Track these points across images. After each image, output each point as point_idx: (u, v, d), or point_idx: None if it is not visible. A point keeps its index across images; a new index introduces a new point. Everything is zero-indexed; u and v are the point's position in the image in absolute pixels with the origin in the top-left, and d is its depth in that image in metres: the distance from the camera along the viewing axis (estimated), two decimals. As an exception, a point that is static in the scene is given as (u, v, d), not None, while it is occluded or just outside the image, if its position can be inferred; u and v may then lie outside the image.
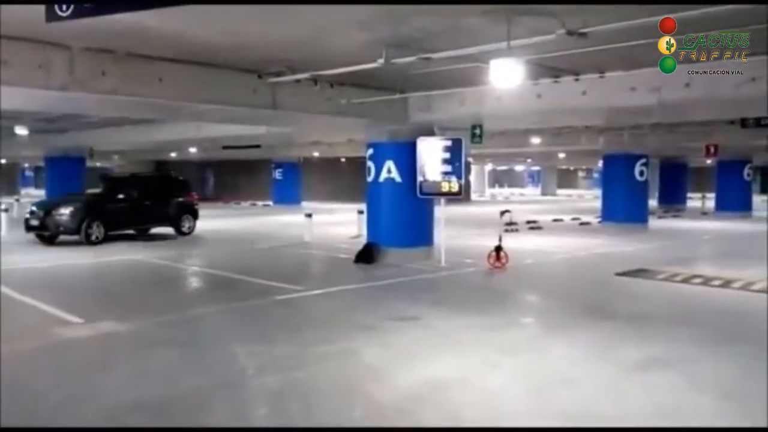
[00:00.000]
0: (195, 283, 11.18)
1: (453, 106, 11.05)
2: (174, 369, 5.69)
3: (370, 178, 12.43)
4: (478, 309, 8.18)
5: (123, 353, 6.23)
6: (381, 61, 7.45)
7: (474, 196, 43.03)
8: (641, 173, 19.53)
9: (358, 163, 22.15)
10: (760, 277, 9.94)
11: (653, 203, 26.56)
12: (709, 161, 28.42)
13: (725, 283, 9.79)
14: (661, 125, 17.75)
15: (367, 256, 11.95)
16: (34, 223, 15.01)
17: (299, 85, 9.50)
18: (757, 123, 14.24)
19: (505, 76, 6.90)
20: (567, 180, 64.73)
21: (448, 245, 12.03)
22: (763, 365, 5.52)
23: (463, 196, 12.52)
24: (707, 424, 4.45)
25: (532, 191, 62.02)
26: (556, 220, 22.67)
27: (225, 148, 26.57)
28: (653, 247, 15.10)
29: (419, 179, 11.81)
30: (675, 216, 25.88)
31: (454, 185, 11.62)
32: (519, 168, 64.86)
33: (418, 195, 11.88)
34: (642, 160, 19.50)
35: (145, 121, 17.06)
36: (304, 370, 5.60)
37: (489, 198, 46.53)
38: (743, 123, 14.88)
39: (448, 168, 11.59)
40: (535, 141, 21.44)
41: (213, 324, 7.44)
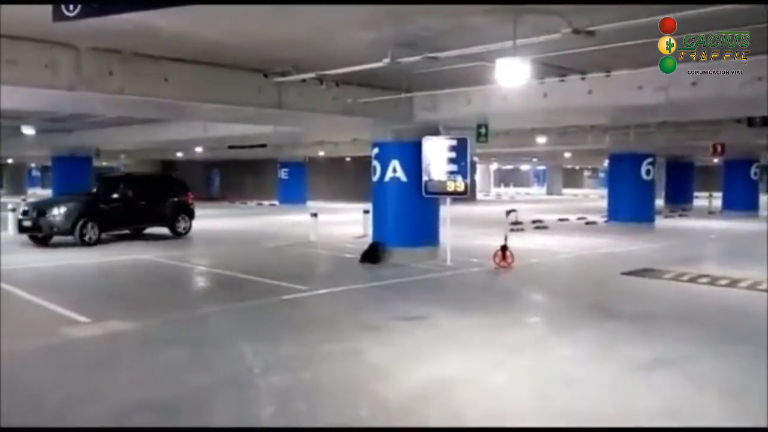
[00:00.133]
0: (201, 282, 11.21)
1: (458, 105, 11.03)
2: (181, 368, 5.71)
3: (375, 178, 12.44)
4: (483, 308, 8.17)
5: (130, 352, 6.25)
6: (387, 61, 7.45)
7: (479, 195, 42.98)
8: (647, 172, 19.49)
9: (363, 162, 22.15)
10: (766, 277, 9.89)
11: (659, 202, 26.49)
12: (716, 160, 28.30)
13: (732, 283, 9.75)
14: (668, 124, 17.70)
15: (373, 255, 11.95)
16: (27, 224, 14.63)
17: (305, 84, 9.52)
18: (764, 122, 14.19)
19: (511, 75, 6.88)
20: (573, 179, 64.60)
21: (454, 245, 12.02)
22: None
23: (468, 195, 12.51)
24: (711, 424, 4.44)
25: (537, 190, 61.93)
26: (561, 220, 22.61)
27: (231, 147, 26.63)
28: (659, 247, 15.05)
29: (424, 179, 11.81)
30: (681, 215, 25.80)
31: (460, 185, 11.61)
32: (524, 167, 64.78)
33: (424, 194, 11.88)
34: (648, 159, 19.45)
35: (151, 120, 17.11)
36: (310, 369, 5.61)
37: (494, 197, 46.48)
38: (750, 122, 14.83)
39: (454, 167, 11.58)
40: (540, 140, 21.39)
41: (219, 323, 7.47)
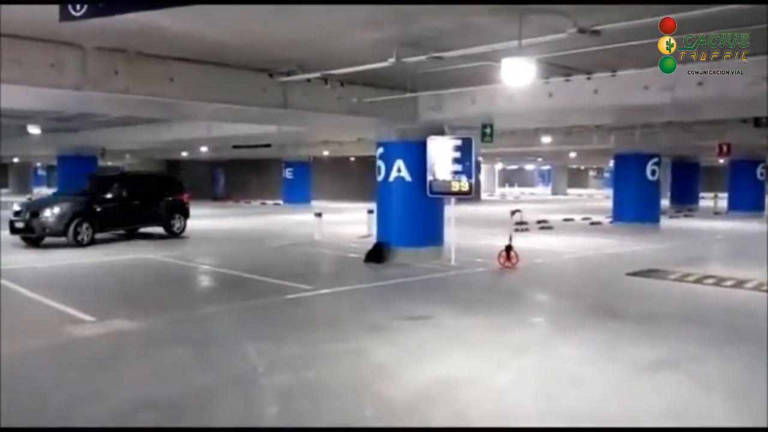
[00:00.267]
0: (205, 281, 11.22)
1: (463, 105, 11.01)
2: (185, 367, 5.72)
3: (380, 178, 12.44)
4: (488, 308, 8.16)
5: (134, 351, 6.27)
6: (392, 60, 7.44)
7: (484, 195, 42.94)
8: (653, 172, 19.42)
9: (367, 162, 22.16)
10: (773, 278, 9.86)
11: (665, 203, 26.40)
12: (722, 160, 28.20)
13: (738, 284, 9.72)
14: (674, 124, 17.63)
15: (377, 255, 11.95)
16: (19, 225, 14.31)
17: (310, 84, 9.52)
18: (771, 122, 14.10)
19: (517, 75, 6.87)
20: (577, 179, 64.44)
21: (458, 244, 12.01)
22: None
23: (473, 195, 12.50)
24: (715, 425, 4.42)
25: (542, 190, 61.82)
26: (566, 220, 22.57)
27: (235, 147, 26.64)
28: (665, 247, 15.01)
29: (429, 178, 11.80)
30: (687, 216, 25.71)
31: (464, 184, 11.60)
32: (529, 167, 64.66)
33: (428, 194, 11.87)
34: (654, 160, 19.38)
35: (156, 120, 17.13)
36: (314, 368, 5.61)
37: (499, 197, 46.41)
38: (756, 122, 14.74)
39: (459, 167, 11.57)
40: (545, 140, 21.34)
41: (223, 322, 7.48)
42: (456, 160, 11.58)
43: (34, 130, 17.80)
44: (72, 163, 21.07)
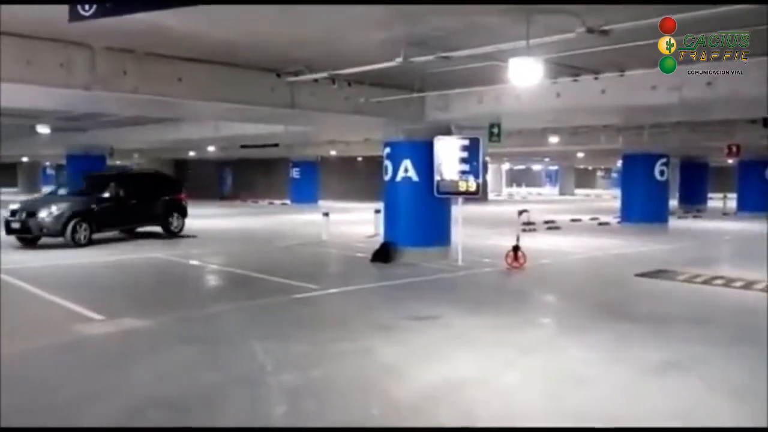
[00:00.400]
0: (213, 280, 11.26)
1: (471, 104, 11.00)
2: (193, 366, 5.74)
3: (387, 177, 12.44)
4: (495, 309, 8.15)
5: (143, 349, 6.29)
6: (399, 60, 7.45)
7: (491, 195, 42.87)
8: (661, 173, 19.33)
9: (375, 162, 22.14)
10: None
11: (673, 203, 26.29)
12: (731, 161, 28.04)
13: (747, 285, 9.66)
14: (682, 124, 17.55)
15: (384, 255, 11.95)
16: (15, 225, 13.94)
17: (317, 84, 9.54)
18: (780, 122, 14.02)
19: (524, 75, 6.86)
20: (585, 179, 64.25)
21: (466, 245, 11.99)
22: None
23: (480, 195, 12.48)
24: (721, 426, 4.40)
25: (549, 191, 61.67)
26: (574, 220, 22.50)
27: (243, 147, 26.70)
28: (673, 248, 14.94)
29: (436, 178, 11.79)
30: (696, 216, 25.59)
31: (472, 184, 11.59)
32: (536, 167, 64.52)
33: (435, 194, 11.86)
34: (662, 160, 19.29)
35: (164, 120, 17.20)
36: (321, 368, 5.62)
37: (506, 197, 46.33)
38: (765, 122, 14.65)
39: (466, 167, 11.56)
40: (553, 140, 21.29)
41: (231, 321, 7.50)
42: (463, 160, 11.57)
43: (44, 129, 17.90)
44: (81, 163, 21.16)
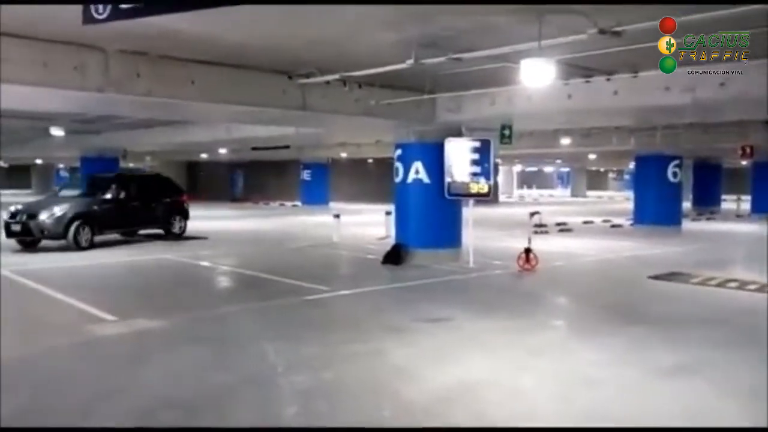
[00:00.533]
0: (225, 282, 11.29)
1: (482, 106, 10.98)
2: (205, 366, 5.75)
3: (397, 179, 12.44)
4: (507, 311, 8.12)
5: (155, 350, 6.32)
6: (410, 62, 7.44)
7: (502, 197, 42.74)
8: (674, 174, 19.18)
9: (385, 164, 22.19)
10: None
11: (686, 205, 26.08)
12: (744, 162, 27.80)
13: (761, 287, 9.56)
14: (696, 125, 17.41)
15: (395, 257, 11.95)
16: (15, 228, 13.65)
17: (328, 86, 9.56)
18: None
19: (536, 76, 6.84)
20: (597, 181, 63.89)
21: (477, 246, 11.96)
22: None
23: (491, 197, 12.45)
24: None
25: (561, 193, 61.40)
26: (586, 222, 22.39)
27: (254, 149, 26.80)
28: (687, 250, 14.82)
29: (447, 180, 11.77)
30: (709, 218, 25.38)
31: (483, 186, 11.57)
32: (548, 169, 64.25)
33: (446, 196, 11.85)
34: (675, 161, 19.15)
35: (176, 122, 17.30)
36: (333, 369, 5.62)
37: (517, 199, 46.18)
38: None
39: (477, 169, 11.54)
40: (564, 141, 21.20)
41: (242, 322, 7.52)
42: (474, 162, 11.56)
43: (58, 132, 18.06)
44: (94, 165, 21.34)
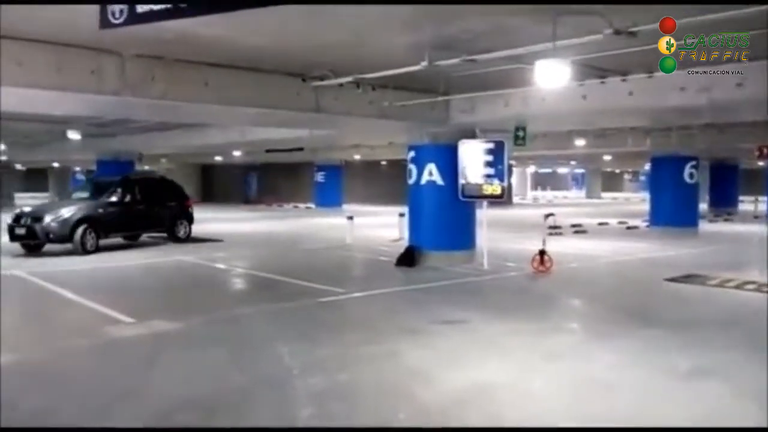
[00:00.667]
0: (240, 284, 11.34)
1: (496, 107, 10.95)
2: (221, 368, 5.79)
3: (411, 181, 12.43)
4: (522, 313, 8.09)
5: (172, 351, 6.37)
6: (424, 63, 7.44)
7: (516, 199, 42.56)
8: (691, 175, 19.02)
9: (399, 165, 22.15)
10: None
11: (703, 207, 25.84)
12: (762, 163, 27.49)
13: (780, 289, 9.46)
14: (712, 126, 17.25)
15: (409, 259, 11.94)
16: (20, 231, 13.47)
17: (342, 88, 9.59)
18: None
19: (551, 77, 6.81)
20: (612, 182, 63.48)
21: (491, 248, 11.92)
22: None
23: (505, 198, 12.41)
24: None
25: (576, 194, 61.05)
26: (601, 224, 22.23)
27: (268, 151, 26.91)
28: (704, 252, 14.68)
29: (461, 182, 11.75)
30: (726, 220, 25.11)
31: (497, 188, 11.53)
32: (562, 170, 63.91)
33: (460, 198, 11.82)
34: (692, 162, 18.99)
35: (191, 125, 17.41)
36: (348, 371, 5.63)
37: (531, 201, 45.98)
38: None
39: (491, 170, 11.51)
40: (579, 143, 21.09)
41: (258, 324, 7.54)
42: (488, 164, 11.52)
43: (74, 135, 18.24)
44: (111, 168, 21.53)
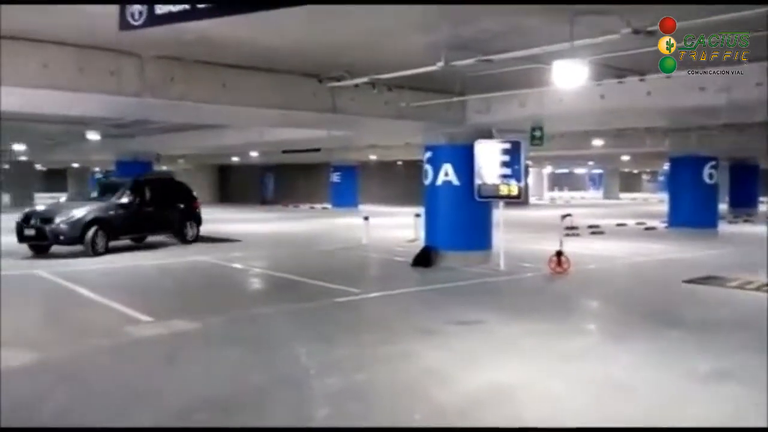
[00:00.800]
0: (257, 284, 11.41)
1: (513, 107, 10.91)
2: (240, 367, 5.83)
3: (427, 181, 12.43)
4: (539, 314, 8.05)
5: (191, 351, 6.42)
6: (440, 64, 7.44)
7: (532, 199, 42.35)
8: (710, 176, 18.81)
9: (415, 166, 22.16)
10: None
11: (723, 207, 25.53)
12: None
13: (802, 291, 9.32)
14: (732, 126, 17.04)
15: (425, 259, 11.93)
16: (29, 232, 13.34)
17: (358, 89, 9.62)
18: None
19: (568, 77, 6.79)
20: (630, 183, 62.91)
21: (507, 249, 11.88)
22: None
23: (521, 199, 12.37)
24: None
25: (593, 195, 60.61)
26: (619, 225, 22.06)
27: (285, 152, 27.04)
28: (723, 253, 14.50)
29: (477, 182, 11.72)
30: (746, 221, 24.80)
31: (513, 188, 11.49)
32: (579, 171, 63.47)
33: (476, 198, 11.80)
34: (711, 163, 18.78)
35: (209, 126, 17.55)
36: (365, 371, 5.64)
37: (548, 201, 45.72)
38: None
39: (507, 171, 11.47)
40: (596, 143, 20.95)
41: (275, 324, 7.58)
42: (504, 164, 11.49)
43: (94, 136, 18.46)
44: (129, 168, 21.74)
